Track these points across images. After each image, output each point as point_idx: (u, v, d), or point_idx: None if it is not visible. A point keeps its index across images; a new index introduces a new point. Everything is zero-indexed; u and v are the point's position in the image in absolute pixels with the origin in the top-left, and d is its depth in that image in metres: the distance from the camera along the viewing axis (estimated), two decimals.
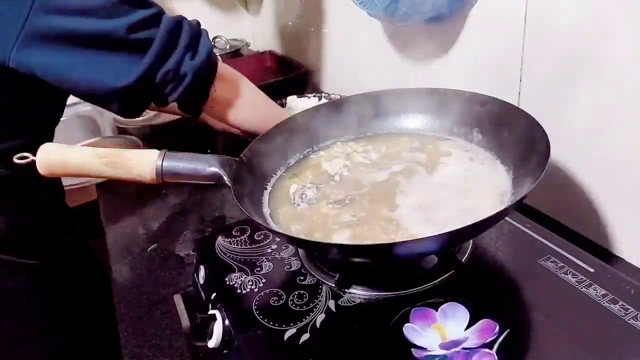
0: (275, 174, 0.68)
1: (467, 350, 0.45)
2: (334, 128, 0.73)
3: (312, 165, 0.69)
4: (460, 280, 0.53)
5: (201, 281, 0.63)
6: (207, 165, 0.57)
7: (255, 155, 0.65)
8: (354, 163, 0.67)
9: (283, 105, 1.22)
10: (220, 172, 0.57)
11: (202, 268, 0.62)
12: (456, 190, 0.58)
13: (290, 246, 0.62)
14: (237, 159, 0.60)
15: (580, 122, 0.61)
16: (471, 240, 0.58)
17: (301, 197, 0.63)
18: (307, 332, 0.49)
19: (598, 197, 0.63)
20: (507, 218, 0.61)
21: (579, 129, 0.62)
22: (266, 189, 0.65)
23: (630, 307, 0.47)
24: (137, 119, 1.13)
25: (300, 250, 0.61)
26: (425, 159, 0.65)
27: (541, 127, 0.53)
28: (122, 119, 1.13)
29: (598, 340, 0.45)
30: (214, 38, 1.63)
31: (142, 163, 0.57)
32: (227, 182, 0.57)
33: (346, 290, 0.54)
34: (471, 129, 0.65)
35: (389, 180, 0.63)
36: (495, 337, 0.46)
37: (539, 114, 0.66)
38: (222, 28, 1.69)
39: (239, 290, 0.56)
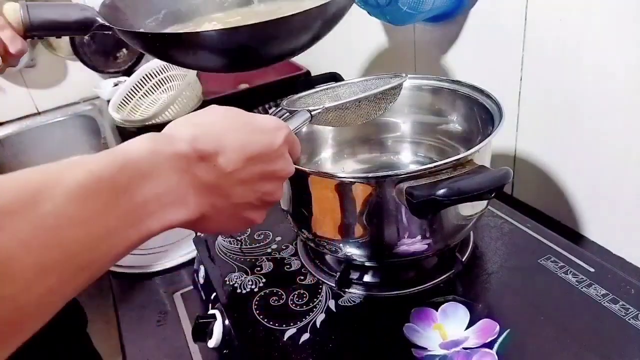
0: None
1: (467, 350, 0.45)
2: None
3: None
4: (460, 280, 0.53)
5: (201, 281, 0.63)
6: (78, 9, 0.57)
7: None
8: None
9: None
10: (94, 16, 0.56)
11: (202, 268, 0.62)
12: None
13: (290, 246, 0.62)
14: None
15: (581, 122, 0.61)
16: (471, 241, 0.59)
17: None
18: (307, 332, 0.49)
19: (599, 198, 0.63)
20: (507, 218, 0.62)
21: (580, 129, 0.62)
22: None
23: (630, 307, 0.47)
24: (136, 118, 1.13)
25: (301, 250, 0.61)
26: None
27: None
28: (121, 118, 1.13)
29: (598, 340, 0.45)
30: None
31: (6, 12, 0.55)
32: (103, 22, 0.55)
33: (346, 290, 0.54)
34: None
35: None
36: (495, 337, 0.46)
37: (539, 113, 0.67)
38: None
39: (239, 290, 0.56)
